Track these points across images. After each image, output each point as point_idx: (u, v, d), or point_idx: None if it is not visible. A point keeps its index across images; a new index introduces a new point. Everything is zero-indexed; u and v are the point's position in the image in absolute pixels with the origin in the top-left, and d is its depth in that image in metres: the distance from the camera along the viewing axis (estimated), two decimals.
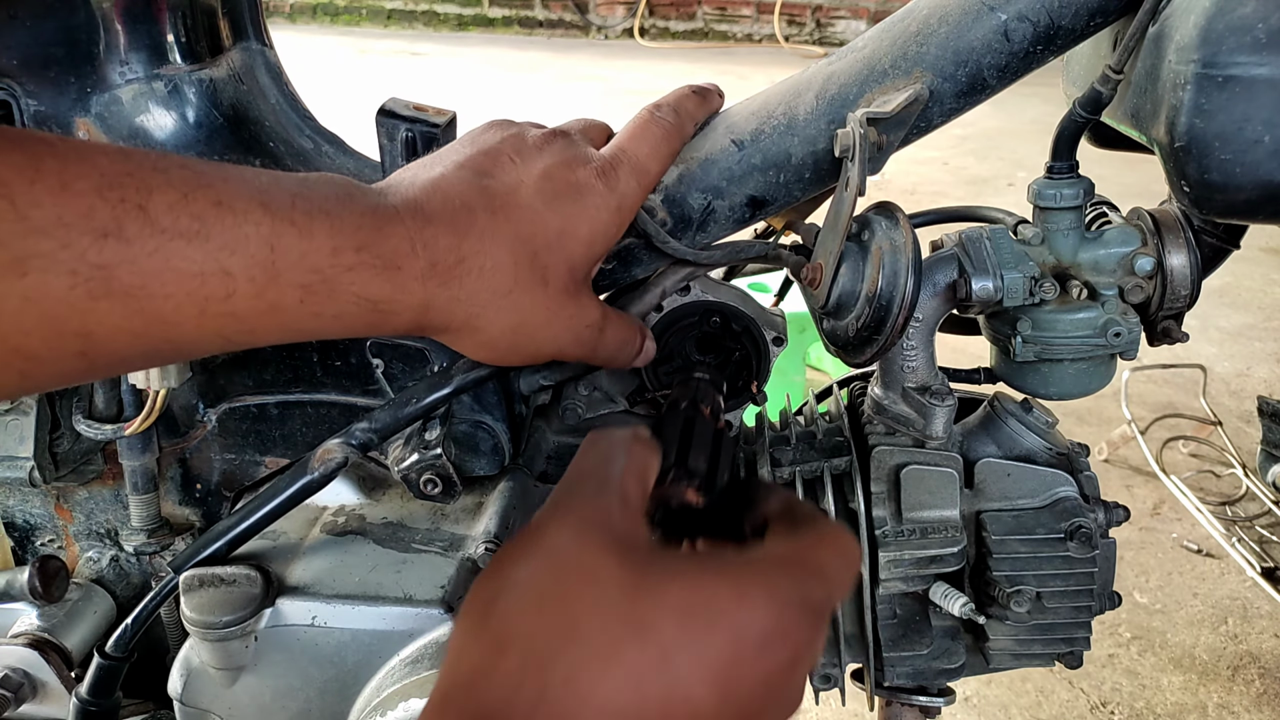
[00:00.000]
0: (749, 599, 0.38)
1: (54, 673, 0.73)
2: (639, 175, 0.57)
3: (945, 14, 0.57)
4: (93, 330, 0.41)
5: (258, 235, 0.44)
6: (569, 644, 0.36)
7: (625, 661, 0.36)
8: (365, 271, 0.47)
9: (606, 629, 0.36)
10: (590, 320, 0.56)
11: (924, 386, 0.65)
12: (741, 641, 0.38)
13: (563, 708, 0.35)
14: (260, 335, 0.46)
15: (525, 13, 8.74)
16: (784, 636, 0.39)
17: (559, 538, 0.39)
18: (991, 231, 0.62)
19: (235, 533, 0.59)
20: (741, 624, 0.38)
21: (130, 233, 0.40)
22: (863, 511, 0.66)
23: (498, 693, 0.35)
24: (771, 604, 0.39)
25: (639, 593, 0.38)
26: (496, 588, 0.39)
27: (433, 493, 0.62)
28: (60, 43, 0.64)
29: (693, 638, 0.37)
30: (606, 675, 0.36)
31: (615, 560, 0.38)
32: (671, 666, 0.36)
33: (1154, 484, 2.40)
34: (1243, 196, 0.52)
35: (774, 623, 0.39)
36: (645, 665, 0.36)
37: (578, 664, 0.36)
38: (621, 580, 0.38)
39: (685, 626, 0.37)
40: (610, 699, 0.35)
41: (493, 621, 0.38)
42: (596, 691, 0.35)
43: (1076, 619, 0.68)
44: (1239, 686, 1.84)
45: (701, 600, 0.38)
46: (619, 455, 0.44)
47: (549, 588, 0.38)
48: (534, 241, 0.52)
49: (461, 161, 0.54)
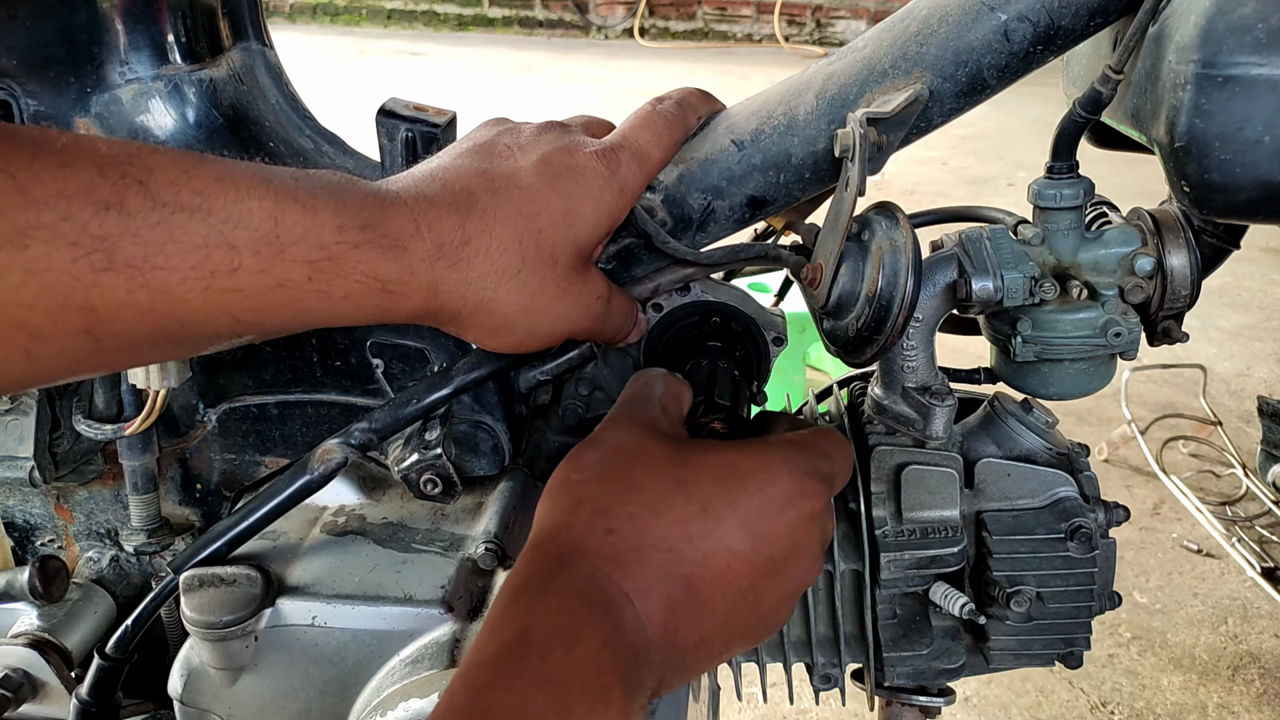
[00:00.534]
0: (771, 467, 0.49)
1: (54, 673, 0.73)
2: (640, 160, 0.57)
3: (945, 14, 0.57)
4: (96, 304, 0.40)
5: (261, 209, 0.44)
6: (629, 497, 0.47)
7: (673, 509, 0.46)
8: (372, 250, 0.47)
9: (659, 486, 0.47)
10: (599, 293, 0.57)
11: (924, 386, 0.65)
12: (768, 499, 0.48)
13: (626, 542, 0.45)
14: (269, 315, 0.46)
15: (525, 13, 8.75)
16: (802, 496, 0.49)
17: (617, 433, 0.51)
18: (992, 231, 0.62)
19: (235, 533, 0.59)
20: (766, 483, 0.48)
21: (132, 206, 0.40)
22: (863, 511, 0.66)
23: (576, 533, 0.46)
24: (790, 471, 0.49)
25: (682, 463, 0.48)
26: (568, 470, 0.49)
27: (433, 493, 0.62)
28: (60, 43, 0.64)
29: (727, 494, 0.47)
30: (658, 518, 0.46)
31: (662, 443, 0.50)
32: (711, 515, 0.47)
33: (1154, 484, 2.40)
34: (1243, 196, 0.52)
35: (794, 485, 0.49)
36: (690, 513, 0.46)
37: (636, 509, 0.46)
38: (668, 454, 0.49)
39: (721, 485, 0.47)
40: (663, 536, 0.46)
41: (569, 488, 0.48)
42: (652, 529, 0.46)
43: (1076, 619, 0.68)
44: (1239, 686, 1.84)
45: (732, 467, 0.48)
46: (658, 384, 0.55)
47: (611, 462, 0.49)
48: (538, 220, 0.52)
49: (458, 154, 0.54)
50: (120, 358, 0.44)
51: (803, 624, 0.71)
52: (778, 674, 0.72)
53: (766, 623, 0.50)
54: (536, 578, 0.45)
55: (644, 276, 0.63)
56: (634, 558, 0.45)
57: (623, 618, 0.44)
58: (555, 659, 0.40)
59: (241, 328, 0.46)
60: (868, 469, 0.66)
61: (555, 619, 0.42)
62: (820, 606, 0.70)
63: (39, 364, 0.41)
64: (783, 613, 0.51)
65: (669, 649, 0.45)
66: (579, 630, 0.42)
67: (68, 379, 0.45)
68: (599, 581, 0.44)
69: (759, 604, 0.48)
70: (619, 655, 0.42)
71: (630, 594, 0.44)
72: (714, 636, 0.47)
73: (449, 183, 0.51)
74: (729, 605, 0.47)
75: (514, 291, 0.52)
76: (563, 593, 0.43)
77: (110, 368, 0.45)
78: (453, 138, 0.62)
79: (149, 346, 0.45)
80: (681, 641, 0.46)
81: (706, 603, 0.46)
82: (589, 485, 0.48)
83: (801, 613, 0.70)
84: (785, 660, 0.72)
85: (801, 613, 0.70)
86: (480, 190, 0.51)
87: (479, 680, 0.41)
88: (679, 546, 0.46)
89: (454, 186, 0.51)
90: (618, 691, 0.41)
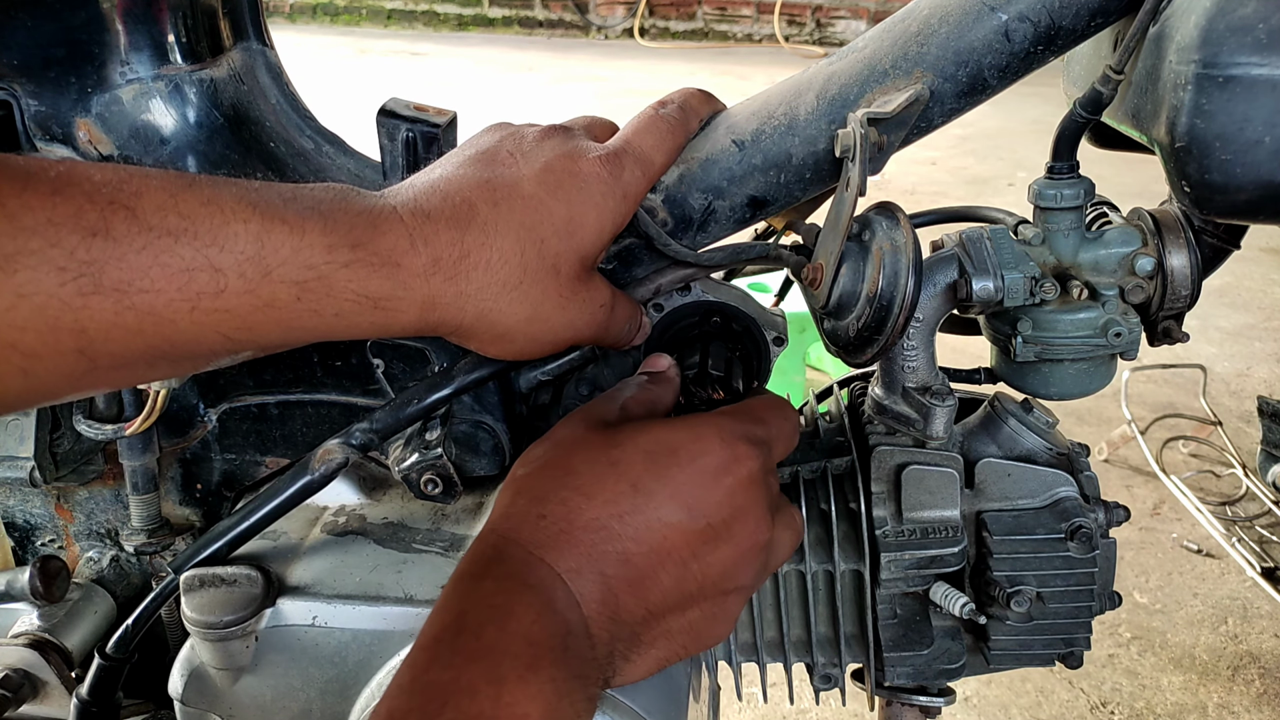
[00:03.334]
0: (703, 438, 0.51)
1: (54, 673, 0.73)
2: (643, 165, 0.57)
3: (946, 14, 0.57)
4: (86, 327, 0.42)
5: (246, 232, 0.45)
6: (563, 483, 0.49)
7: (604, 489, 0.49)
8: (362, 269, 0.47)
9: (592, 470, 0.49)
10: (602, 300, 0.57)
11: (924, 386, 0.65)
12: (700, 469, 0.50)
13: (557, 526, 0.48)
14: (261, 334, 0.47)
15: (525, 13, 8.75)
16: (736, 461, 0.51)
17: (564, 428, 0.53)
18: (992, 232, 0.62)
19: (235, 533, 0.59)
20: (697, 453, 0.50)
21: (118, 232, 0.42)
22: (863, 511, 0.66)
23: (513, 523, 0.49)
24: (721, 439, 0.51)
25: (614, 443, 0.51)
26: (519, 464, 0.53)
27: (433, 493, 0.62)
28: (60, 43, 0.64)
29: (657, 469, 0.49)
30: (590, 501, 0.48)
31: (598, 431, 0.52)
32: (641, 491, 0.49)
33: (1154, 484, 2.40)
34: (1243, 197, 0.52)
35: (727, 452, 0.51)
36: (620, 491, 0.49)
37: (568, 494, 0.49)
38: (602, 438, 0.51)
39: (651, 461, 0.50)
40: (594, 518, 0.48)
41: (512, 482, 0.52)
42: (583, 512, 0.48)
43: (1076, 619, 0.68)
44: (1239, 686, 1.84)
45: (663, 443, 0.50)
46: (630, 387, 0.57)
47: (552, 454, 0.52)
48: (540, 230, 0.52)
49: (460, 162, 0.54)
50: (117, 376, 0.45)
51: (803, 624, 0.71)
52: (778, 674, 0.73)
53: (723, 586, 0.51)
54: (475, 566, 0.48)
55: (645, 277, 0.63)
56: (565, 540, 0.48)
57: (554, 596, 0.46)
58: (488, 636, 0.44)
59: (235, 345, 0.47)
60: (868, 469, 0.66)
61: (490, 600, 0.45)
62: (820, 606, 0.70)
63: (36, 382, 0.42)
64: (742, 574, 0.52)
65: (612, 623, 0.48)
66: (510, 609, 0.45)
67: (67, 397, 0.46)
68: (531, 565, 0.47)
69: (707, 570, 0.50)
70: (550, 630, 0.45)
71: (562, 574, 0.47)
72: (664, 607, 0.50)
73: (449, 195, 0.51)
74: (673, 576, 0.49)
75: (516, 302, 0.52)
76: (498, 577, 0.46)
77: (109, 385, 0.46)
78: (453, 137, 0.62)
79: (145, 365, 0.45)
80: (626, 615, 0.48)
81: (646, 575, 0.49)
82: (530, 478, 0.51)
83: (801, 613, 0.70)
84: (785, 660, 0.72)
85: (801, 613, 0.70)
86: (481, 201, 0.51)
87: (420, 661, 0.44)
88: (610, 525, 0.48)
89: (454, 199, 0.51)
90: (547, 659, 0.44)
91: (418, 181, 0.52)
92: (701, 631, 0.51)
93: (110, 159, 0.67)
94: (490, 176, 0.53)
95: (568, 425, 0.54)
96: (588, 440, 0.51)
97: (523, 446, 0.70)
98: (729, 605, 0.52)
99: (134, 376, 0.47)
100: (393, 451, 0.64)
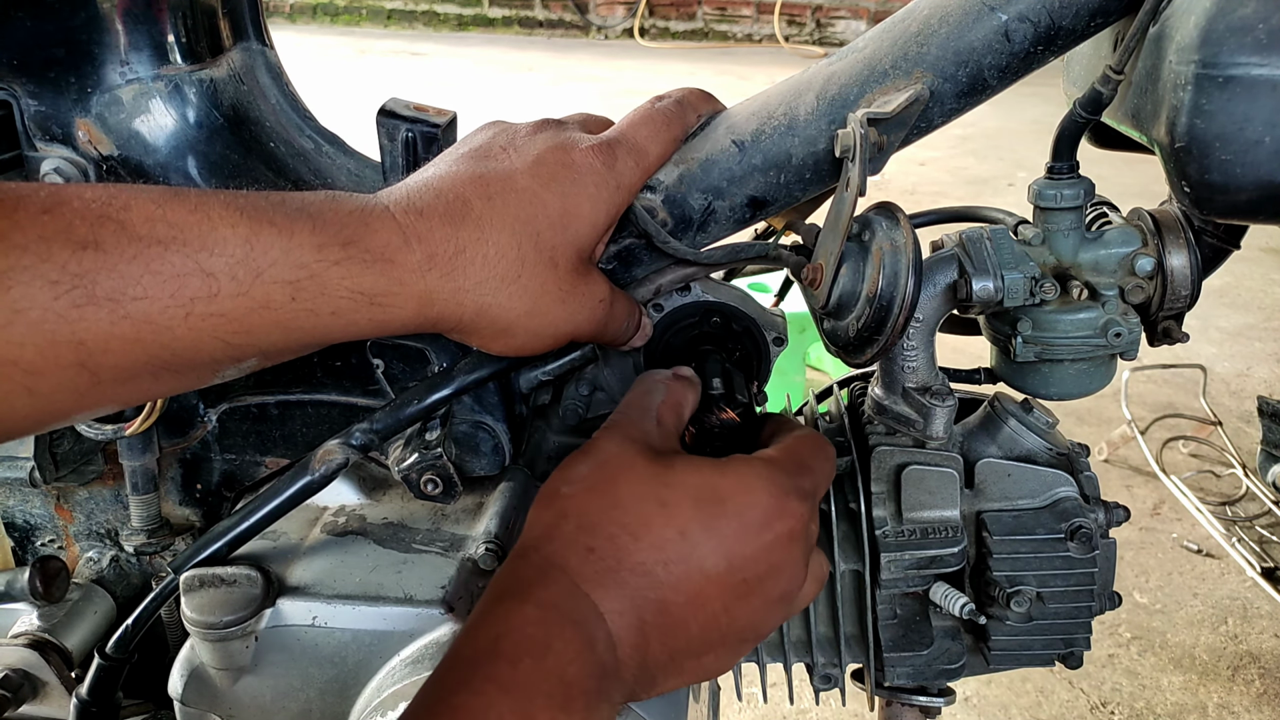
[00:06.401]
0: (751, 488, 0.50)
1: (54, 673, 0.73)
2: (637, 156, 0.57)
3: (946, 14, 0.57)
4: (84, 339, 0.42)
5: (235, 235, 0.45)
6: (611, 516, 0.48)
7: (652, 531, 0.47)
8: (354, 266, 0.48)
9: (640, 507, 0.48)
10: (601, 295, 0.57)
11: (924, 387, 0.65)
12: (745, 522, 0.49)
13: (605, 563, 0.47)
14: (259, 336, 0.47)
15: (525, 13, 8.75)
16: (780, 515, 0.50)
17: (607, 445, 0.51)
18: (992, 232, 0.62)
19: (235, 533, 0.59)
20: (745, 505, 0.49)
21: (108, 244, 0.42)
22: (863, 511, 0.66)
23: (559, 547, 0.47)
24: (770, 490, 0.50)
25: (665, 482, 0.49)
26: (559, 481, 0.51)
27: (433, 493, 0.62)
28: (60, 43, 0.64)
29: (705, 518, 0.48)
30: (637, 542, 0.47)
31: (648, 459, 0.50)
32: (688, 540, 0.48)
33: (1154, 484, 2.40)
34: (1243, 197, 0.52)
35: (772, 504, 0.49)
36: (667, 537, 0.48)
37: (617, 530, 0.47)
38: (653, 473, 0.49)
39: (700, 509, 0.48)
40: (641, 561, 0.47)
41: (557, 500, 0.50)
42: (631, 552, 0.47)
43: (1076, 619, 0.68)
44: (1239, 686, 1.84)
45: (713, 487, 0.49)
46: (659, 391, 0.55)
47: (598, 476, 0.50)
48: (536, 223, 0.52)
49: (453, 160, 0.54)
50: (122, 390, 0.45)
51: (803, 624, 0.71)
52: (778, 674, 0.72)
53: (744, 636, 0.51)
54: (517, 586, 0.46)
55: (645, 277, 0.63)
56: (612, 579, 0.47)
57: (595, 635, 0.45)
58: (524, 667, 0.42)
59: (236, 351, 0.47)
60: (868, 469, 0.66)
61: (529, 629, 0.44)
62: (820, 606, 0.70)
63: (42, 400, 0.43)
64: (764, 625, 0.52)
65: (639, 667, 0.47)
66: (550, 643, 0.43)
67: (76, 415, 0.46)
68: (576, 598, 0.46)
69: (733, 622, 0.50)
70: (586, 670, 0.44)
71: (605, 613, 0.46)
72: (685, 653, 0.49)
73: (442, 192, 0.51)
74: (701, 626, 0.49)
75: (515, 296, 0.52)
76: (540, 604, 0.45)
77: (115, 401, 0.46)
78: (453, 138, 0.62)
79: (149, 377, 0.46)
80: (652, 660, 0.48)
81: (679, 624, 0.48)
82: (576, 499, 0.49)
83: (801, 613, 0.70)
84: (785, 660, 0.72)
85: (801, 613, 0.70)
86: (475, 197, 0.51)
87: (450, 681, 0.43)
88: (655, 570, 0.47)
89: (448, 195, 0.51)
90: (579, 703, 0.43)
91: (411, 181, 0.53)
92: (710, 670, 0.51)
93: (110, 159, 0.66)
94: (483, 171, 0.53)
95: (611, 441, 0.52)
96: (635, 469, 0.50)
97: (523, 447, 0.70)
98: (743, 650, 0.52)
99: (140, 390, 0.47)
100: (393, 452, 0.64)
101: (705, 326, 0.67)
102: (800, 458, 0.53)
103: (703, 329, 0.67)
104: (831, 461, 0.56)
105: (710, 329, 0.67)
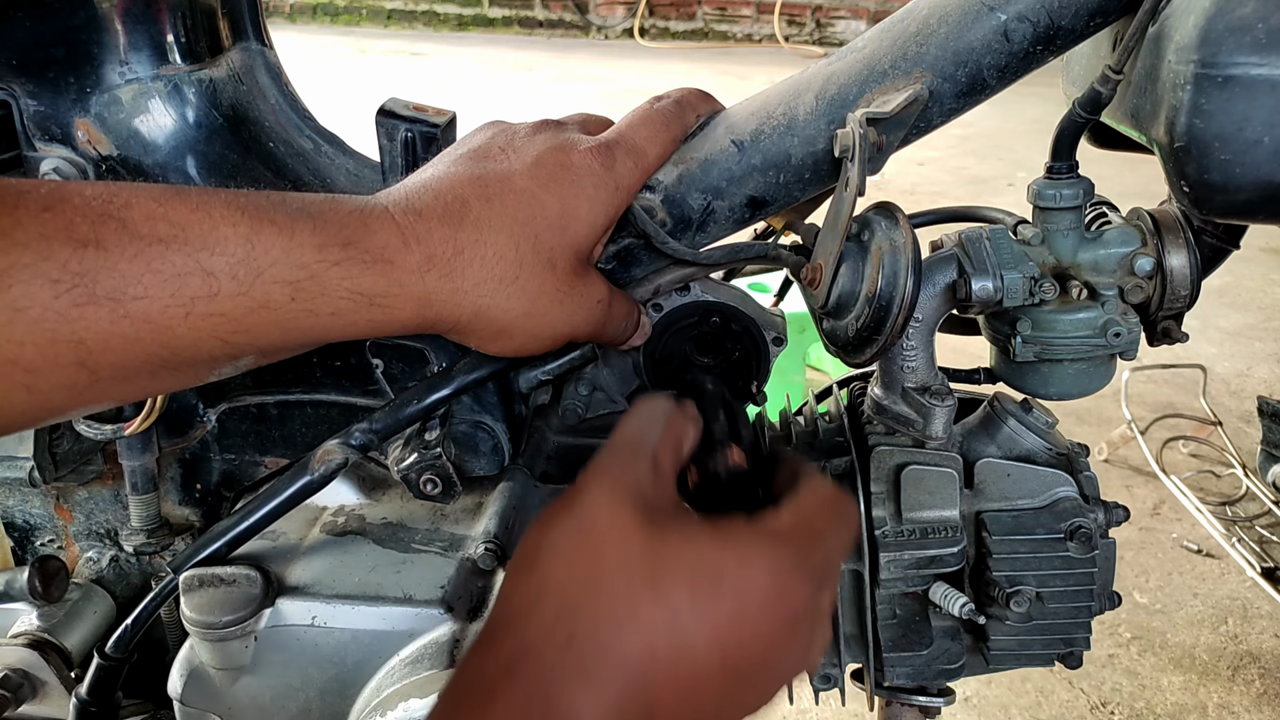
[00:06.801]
0: (751, 565, 0.43)
1: (54, 673, 0.73)
2: (635, 156, 0.57)
3: (945, 14, 0.57)
4: (84, 338, 0.42)
5: (236, 235, 0.45)
6: (595, 598, 0.42)
7: (640, 618, 0.42)
8: (354, 266, 0.47)
9: (627, 587, 0.42)
10: (600, 295, 0.57)
11: (924, 386, 0.65)
12: (743, 602, 0.43)
13: (586, 654, 0.41)
14: (259, 336, 0.47)
15: (525, 13, 8.74)
16: (782, 597, 0.44)
17: (594, 501, 0.45)
18: (991, 232, 0.62)
19: (235, 533, 0.59)
20: (743, 587, 0.43)
21: (109, 242, 0.42)
22: (862, 512, 0.66)
23: (535, 632, 0.42)
24: (772, 569, 0.44)
25: (657, 556, 0.43)
26: (539, 542, 0.44)
27: (432, 493, 0.62)
28: (60, 43, 0.64)
29: (700, 599, 0.42)
30: (623, 631, 0.41)
31: (639, 524, 0.44)
32: (679, 625, 0.42)
33: (1154, 484, 2.40)
34: (1243, 197, 0.52)
35: (774, 585, 0.43)
36: (657, 623, 0.42)
37: (601, 617, 0.42)
38: (643, 544, 0.43)
39: (694, 588, 0.42)
40: (625, 652, 0.41)
41: (535, 572, 0.44)
42: (615, 644, 0.41)
43: (1076, 619, 0.68)
44: (1239, 686, 1.84)
45: (710, 565, 0.43)
46: (657, 426, 0.49)
47: (581, 546, 0.44)
48: (534, 224, 0.52)
49: (452, 160, 0.54)
50: (120, 388, 0.45)
51: None
52: None
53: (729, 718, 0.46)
54: (485, 681, 0.42)
55: (644, 277, 0.63)
56: (593, 674, 0.41)
57: None
58: None
59: (234, 350, 0.47)
60: (867, 469, 0.66)
61: None
62: None
63: (40, 398, 0.42)
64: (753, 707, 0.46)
65: None
66: None
67: (72, 412, 0.46)
68: (551, 697, 0.40)
69: (722, 710, 0.45)
70: None
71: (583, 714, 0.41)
72: None
73: (441, 193, 0.51)
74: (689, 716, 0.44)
75: (513, 297, 0.52)
76: (510, 704, 0.40)
77: (113, 398, 0.46)
78: (452, 138, 0.62)
79: (148, 375, 0.45)
80: None
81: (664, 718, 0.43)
82: (557, 570, 0.43)
83: None
84: None
85: None
86: (473, 198, 0.51)
87: None
88: (642, 664, 0.41)
89: (446, 196, 0.51)
90: None
91: (410, 182, 0.53)
92: None
93: (109, 159, 0.67)
94: (482, 172, 0.53)
95: (600, 493, 0.45)
96: (624, 539, 0.43)
97: (522, 447, 0.70)
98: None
99: (137, 388, 0.46)
100: (392, 451, 0.64)
101: (704, 326, 0.67)
102: (812, 525, 0.47)
103: (702, 329, 0.67)
104: (851, 525, 0.50)
105: (709, 329, 0.67)
